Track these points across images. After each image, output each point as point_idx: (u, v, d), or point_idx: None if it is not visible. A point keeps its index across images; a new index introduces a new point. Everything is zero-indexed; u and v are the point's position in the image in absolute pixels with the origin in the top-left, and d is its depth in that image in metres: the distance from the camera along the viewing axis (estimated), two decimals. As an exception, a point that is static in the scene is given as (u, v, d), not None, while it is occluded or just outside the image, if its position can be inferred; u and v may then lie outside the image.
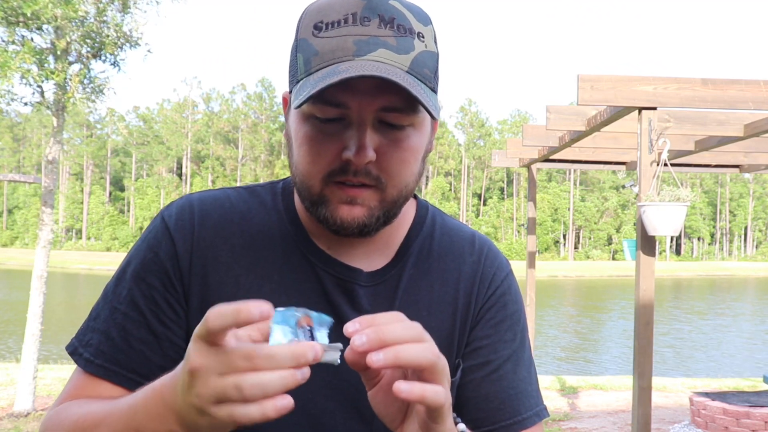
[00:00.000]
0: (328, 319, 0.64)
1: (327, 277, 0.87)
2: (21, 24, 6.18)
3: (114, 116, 78.97)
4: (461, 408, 0.89)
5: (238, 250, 0.87)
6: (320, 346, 0.58)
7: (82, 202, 79.64)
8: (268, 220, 0.89)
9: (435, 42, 0.81)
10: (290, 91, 0.82)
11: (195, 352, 0.59)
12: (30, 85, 6.41)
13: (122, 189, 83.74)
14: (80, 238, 78.38)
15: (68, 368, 9.38)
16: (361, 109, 0.76)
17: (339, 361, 0.62)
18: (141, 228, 77.58)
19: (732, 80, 4.23)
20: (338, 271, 0.87)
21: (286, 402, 0.57)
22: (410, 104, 0.76)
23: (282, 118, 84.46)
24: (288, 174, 0.92)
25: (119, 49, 6.68)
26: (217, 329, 0.58)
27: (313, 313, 0.63)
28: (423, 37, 0.78)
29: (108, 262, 55.05)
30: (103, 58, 6.68)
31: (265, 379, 0.56)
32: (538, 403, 0.93)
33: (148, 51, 7.13)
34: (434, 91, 0.81)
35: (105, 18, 6.52)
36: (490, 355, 0.90)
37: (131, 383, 0.81)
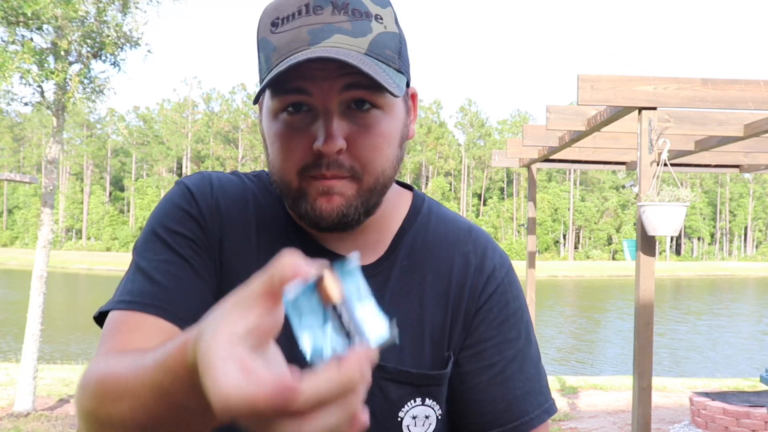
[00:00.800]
0: (354, 266, 0.48)
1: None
2: (21, 24, 6.18)
3: (114, 116, 78.98)
4: (470, 411, 0.88)
5: (250, 227, 0.87)
6: (368, 350, 0.44)
7: (82, 202, 79.64)
8: (274, 204, 0.90)
9: (396, 23, 0.80)
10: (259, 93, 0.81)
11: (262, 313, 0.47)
12: (30, 85, 6.42)
13: (122, 189, 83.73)
14: (80, 238, 78.38)
15: (68, 368, 9.38)
16: (323, 95, 0.75)
17: (396, 333, 0.48)
18: (141, 228, 77.50)
19: (732, 80, 4.24)
20: (331, 261, 0.81)
21: (363, 423, 0.46)
22: (372, 83, 0.73)
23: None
24: None
25: (119, 49, 6.68)
26: (288, 278, 0.46)
27: (336, 265, 0.47)
28: (381, 18, 0.77)
29: (108, 262, 55.06)
30: (103, 58, 6.68)
31: (331, 424, 0.44)
32: (547, 399, 0.91)
33: (149, 51, 7.13)
34: (401, 72, 0.79)
35: (105, 18, 6.52)
36: (494, 356, 0.88)
37: (171, 316, 0.77)
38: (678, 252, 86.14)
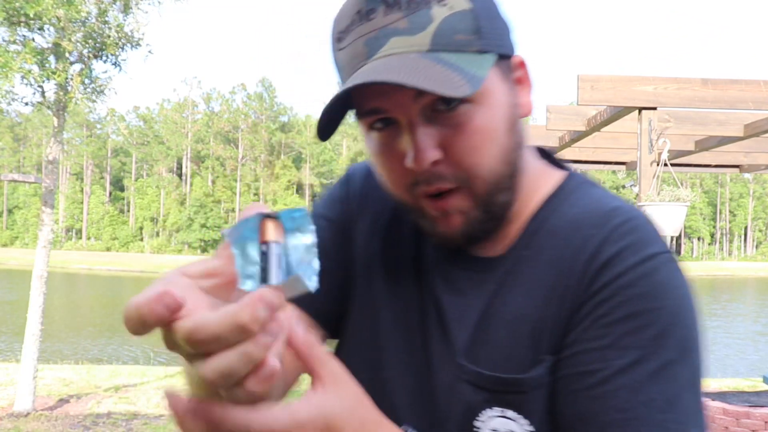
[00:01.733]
0: (301, 213, 0.48)
1: (435, 258, 0.81)
2: (22, 24, 6.19)
3: (114, 116, 78.97)
4: (557, 425, 0.70)
5: (387, 210, 0.86)
6: (270, 294, 0.43)
7: (82, 202, 79.65)
8: None
9: None
10: None
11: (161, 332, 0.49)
12: (31, 85, 6.42)
13: (122, 189, 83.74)
14: (80, 238, 78.40)
15: (68, 368, 9.39)
16: (399, 108, 0.68)
17: (316, 286, 0.47)
18: (141, 228, 77.65)
19: (732, 80, 4.25)
20: (451, 256, 0.80)
21: (269, 371, 0.45)
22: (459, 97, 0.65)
23: (282, 118, 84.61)
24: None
25: (120, 50, 6.69)
26: (133, 332, 0.46)
27: (283, 213, 0.48)
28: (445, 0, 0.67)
29: (108, 262, 55.07)
30: (104, 58, 6.69)
31: (225, 366, 0.44)
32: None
33: (149, 51, 7.14)
34: (485, 52, 0.68)
35: (106, 19, 6.53)
36: (594, 363, 0.67)
37: (304, 305, 0.83)
38: (678, 252, 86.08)
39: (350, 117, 0.75)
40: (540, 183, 0.79)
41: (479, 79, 0.65)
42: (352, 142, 79.79)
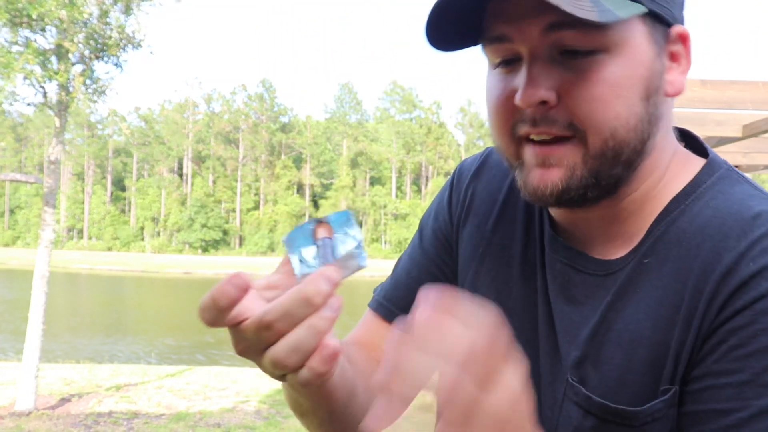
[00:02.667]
0: (345, 215, 0.54)
1: (550, 259, 0.74)
2: (25, 25, 6.22)
3: (116, 117, 79.04)
4: None
5: (494, 208, 0.82)
6: (330, 270, 0.49)
7: (83, 202, 79.68)
8: None
9: None
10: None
11: (232, 339, 0.53)
12: (33, 86, 6.45)
13: (123, 189, 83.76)
14: (82, 237, 78.43)
15: (70, 368, 9.41)
16: (524, 39, 0.62)
17: (364, 263, 0.54)
18: (142, 228, 77.69)
19: (731, 81, 4.26)
20: (565, 253, 0.72)
21: (331, 350, 0.49)
22: (578, 19, 0.57)
23: (283, 119, 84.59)
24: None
25: (122, 51, 6.71)
26: (210, 321, 0.51)
27: (331, 216, 0.54)
28: None
29: (109, 262, 55.10)
30: (105, 59, 6.71)
31: (295, 341, 0.49)
32: None
33: (150, 52, 7.17)
34: (637, 0, 0.61)
35: (108, 20, 6.56)
36: (730, 401, 0.58)
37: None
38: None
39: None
40: (676, 172, 0.69)
41: (614, 15, 0.58)
42: (353, 142, 79.83)
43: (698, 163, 0.71)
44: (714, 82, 4.26)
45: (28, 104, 6.79)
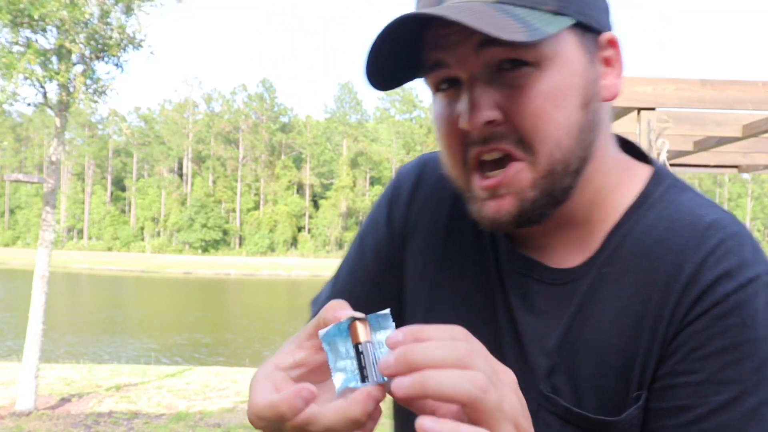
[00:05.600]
0: (383, 314, 0.53)
1: (508, 270, 0.74)
2: (26, 25, 6.22)
3: (116, 117, 79.01)
4: None
5: (441, 228, 0.80)
6: (375, 391, 0.50)
7: (83, 202, 79.68)
8: None
9: None
10: None
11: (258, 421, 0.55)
12: (34, 86, 6.46)
13: (123, 189, 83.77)
14: (82, 238, 78.42)
15: (70, 368, 9.41)
16: (460, 62, 0.64)
17: None
18: (142, 228, 77.69)
19: (731, 81, 4.26)
20: (520, 263, 0.74)
21: None
22: (509, 41, 0.59)
23: (283, 119, 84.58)
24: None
25: (122, 51, 6.72)
26: (267, 429, 0.53)
27: (370, 316, 0.53)
28: None
29: (109, 262, 55.10)
30: (106, 59, 6.72)
31: None
32: None
33: (151, 52, 7.17)
34: (562, 14, 0.63)
35: (109, 20, 6.56)
36: (690, 398, 0.62)
37: None
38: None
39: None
40: (622, 180, 0.72)
41: (542, 33, 0.59)
42: (353, 142, 79.82)
43: (643, 170, 0.74)
44: (714, 82, 4.26)
45: (29, 104, 6.80)
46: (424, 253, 0.80)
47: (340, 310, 0.53)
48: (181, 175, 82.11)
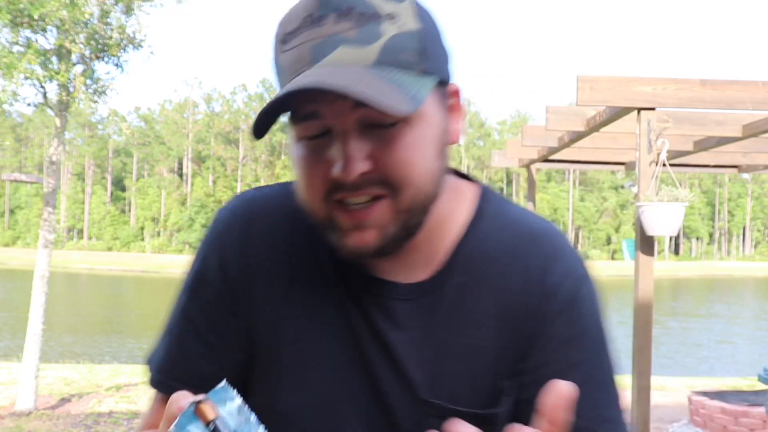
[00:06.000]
0: (221, 386, 0.56)
1: (364, 292, 0.78)
2: (26, 25, 6.22)
3: (116, 117, 78.99)
4: None
5: (282, 258, 0.81)
6: None
7: (83, 202, 79.66)
8: (312, 225, 0.81)
9: (418, 17, 0.70)
10: None
11: None
12: (34, 86, 6.46)
13: (123, 189, 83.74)
14: (82, 237, 78.40)
15: (70, 368, 9.41)
16: (336, 116, 0.68)
17: (260, 428, 0.57)
18: (142, 228, 77.68)
19: (730, 81, 4.26)
20: (372, 284, 0.78)
21: None
22: (396, 115, 0.66)
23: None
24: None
25: (122, 51, 6.72)
26: None
27: (210, 394, 0.56)
28: (394, 17, 0.67)
29: (109, 262, 55.08)
30: (106, 59, 6.72)
31: None
32: (618, 427, 0.77)
33: (151, 52, 7.17)
34: (428, 73, 0.70)
35: (109, 20, 6.56)
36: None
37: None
38: (677, 252, 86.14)
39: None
40: (457, 200, 0.80)
41: (419, 100, 0.66)
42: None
43: (471, 189, 0.83)
44: (714, 82, 4.26)
45: (29, 104, 6.80)
46: (271, 296, 0.81)
47: (182, 400, 0.55)
48: (181, 175, 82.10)
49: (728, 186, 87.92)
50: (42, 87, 6.59)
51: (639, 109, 4.16)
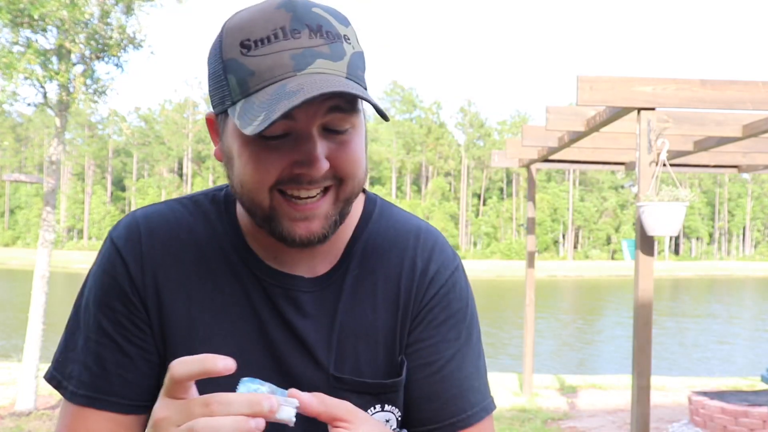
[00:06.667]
0: (293, 401, 0.66)
1: (271, 287, 0.87)
2: (26, 25, 6.22)
3: (116, 117, 78.92)
4: (410, 407, 0.91)
5: (187, 265, 0.87)
6: (277, 399, 0.62)
7: (83, 202, 79.64)
8: (213, 231, 0.90)
9: (358, 41, 0.82)
10: (218, 113, 0.81)
11: (159, 406, 0.66)
12: (34, 86, 6.45)
13: (123, 189, 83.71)
14: (82, 237, 78.39)
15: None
16: (307, 120, 0.76)
17: (294, 419, 0.65)
18: (141, 228, 77.46)
19: (730, 81, 4.26)
20: (280, 280, 0.88)
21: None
22: (352, 107, 0.77)
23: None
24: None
25: (122, 51, 6.71)
26: (183, 378, 0.64)
27: (278, 390, 0.66)
28: (349, 39, 0.79)
29: (108, 262, 54.86)
30: (106, 59, 6.71)
31: (217, 423, 0.61)
32: (485, 398, 0.93)
33: (151, 52, 7.17)
34: (365, 88, 0.82)
35: (109, 20, 6.56)
36: (432, 356, 0.90)
37: (116, 407, 0.85)
38: (677, 252, 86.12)
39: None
40: (354, 206, 0.92)
41: (381, 105, 0.79)
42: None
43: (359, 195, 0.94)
44: (714, 82, 4.26)
45: (29, 104, 6.79)
46: (182, 299, 0.87)
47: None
48: (181, 175, 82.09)
49: (728, 186, 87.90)
50: (42, 87, 6.58)
51: (639, 109, 4.16)
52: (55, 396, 7.36)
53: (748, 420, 5.53)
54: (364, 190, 0.96)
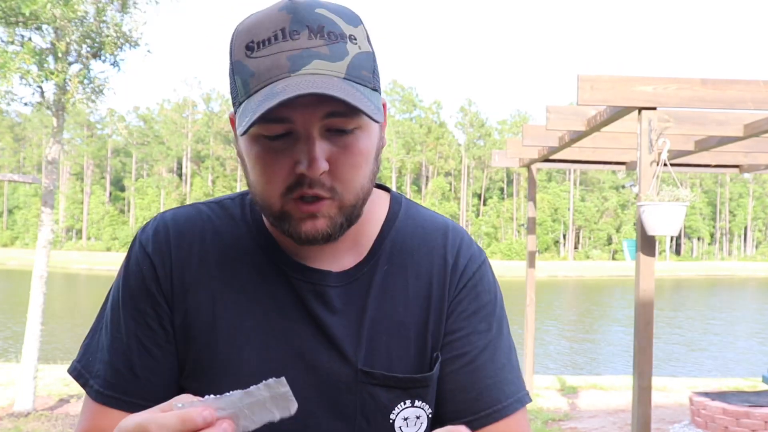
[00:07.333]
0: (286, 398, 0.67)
1: (299, 283, 0.89)
2: (20, 24, 6.19)
3: (114, 116, 78.99)
4: (443, 400, 0.92)
5: (213, 267, 0.89)
6: (210, 410, 0.62)
7: (82, 202, 79.65)
8: (239, 233, 0.92)
9: (368, 41, 0.82)
10: (235, 113, 0.82)
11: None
12: (30, 85, 6.42)
13: (122, 189, 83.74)
14: (80, 238, 78.40)
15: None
16: (305, 121, 0.77)
17: (292, 411, 0.66)
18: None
19: (731, 80, 4.24)
20: (307, 275, 0.89)
21: None
22: (352, 109, 0.75)
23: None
24: None
25: (119, 49, 6.68)
26: None
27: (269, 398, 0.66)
28: (355, 39, 0.79)
29: (108, 262, 55.06)
30: (102, 58, 6.68)
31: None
32: (520, 389, 0.93)
33: (148, 51, 7.14)
34: (376, 90, 0.81)
35: (104, 18, 6.53)
36: (465, 347, 0.91)
37: (140, 408, 0.85)
38: (678, 252, 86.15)
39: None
40: (374, 203, 0.94)
41: (381, 110, 0.78)
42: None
43: (384, 195, 0.98)
44: (715, 81, 4.24)
45: (26, 104, 6.76)
46: (208, 299, 0.88)
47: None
48: (180, 175, 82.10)
49: (729, 186, 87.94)
50: (39, 87, 6.55)
51: (640, 109, 4.14)
52: (54, 396, 7.34)
53: (750, 421, 5.51)
54: (388, 189, 0.99)
